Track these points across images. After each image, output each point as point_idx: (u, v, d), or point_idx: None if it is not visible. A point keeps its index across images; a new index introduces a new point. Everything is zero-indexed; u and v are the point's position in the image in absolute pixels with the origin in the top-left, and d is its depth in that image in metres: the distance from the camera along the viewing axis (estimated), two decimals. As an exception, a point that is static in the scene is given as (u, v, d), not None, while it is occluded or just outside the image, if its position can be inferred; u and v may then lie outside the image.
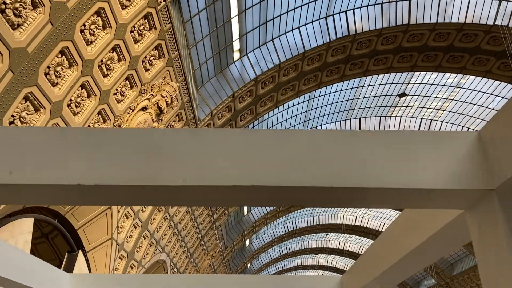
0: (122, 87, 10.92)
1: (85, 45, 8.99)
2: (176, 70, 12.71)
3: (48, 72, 8.33)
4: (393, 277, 1.98)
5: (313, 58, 18.41)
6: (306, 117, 25.39)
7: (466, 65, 20.52)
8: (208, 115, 16.42)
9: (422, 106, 26.24)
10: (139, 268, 16.24)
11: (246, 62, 16.85)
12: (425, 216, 1.42)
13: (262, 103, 19.06)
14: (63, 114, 9.12)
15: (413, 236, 1.49)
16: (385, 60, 20.31)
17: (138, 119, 12.03)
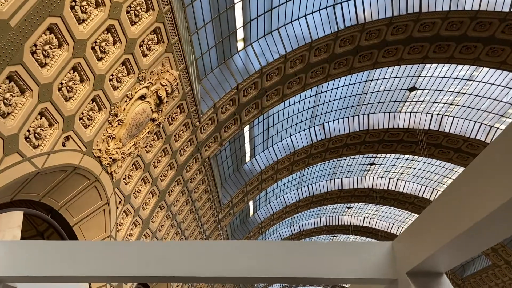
0: (118, 73, 10.23)
1: (76, 23, 8.31)
2: (177, 57, 12.01)
3: (35, 50, 7.65)
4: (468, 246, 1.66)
5: (321, 49, 17.67)
6: (313, 113, 24.65)
7: (480, 56, 19.70)
8: (211, 108, 15.72)
9: (433, 100, 25.40)
10: (140, 269, 15.51)
11: (250, 52, 16.15)
12: None
13: (268, 96, 18.33)
14: (54, 99, 8.44)
15: None
16: (395, 51, 19.54)
17: (136, 109, 11.35)
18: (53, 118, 8.64)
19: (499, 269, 32.45)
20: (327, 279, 1.75)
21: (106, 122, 10.50)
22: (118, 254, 1.71)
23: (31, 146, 8.28)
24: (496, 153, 1.32)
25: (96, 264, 1.66)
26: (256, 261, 1.71)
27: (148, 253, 1.72)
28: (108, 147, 10.88)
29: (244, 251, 1.74)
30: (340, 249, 1.82)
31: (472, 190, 1.38)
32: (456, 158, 27.13)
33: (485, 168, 1.34)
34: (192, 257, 1.72)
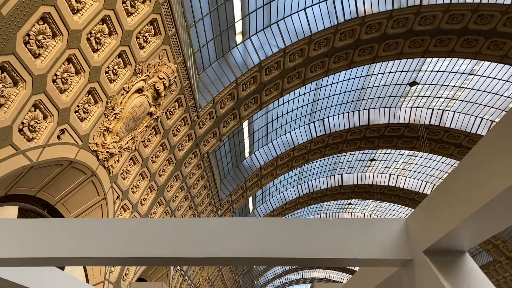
0: (115, 65, 10.04)
1: (71, 13, 8.11)
2: (174, 50, 11.82)
3: (28, 40, 7.46)
4: None
5: (320, 43, 17.47)
6: (312, 108, 24.46)
7: (481, 49, 19.51)
8: (209, 103, 15.54)
9: (433, 95, 25.21)
10: (138, 268, 15.37)
11: (249, 46, 15.95)
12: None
13: (267, 91, 18.14)
14: (48, 91, 8.25)
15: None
16: (396, 45, 19.34)
17: (133, 102, 11.16)
18: (48, 111, 8.45)
19: (500, 265, 32.37)
20: (334, 260, 1.56)
21: (103, 116, 10.32)
22: (98, 233, 1.53)
23: (25, 139, 8.10)
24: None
25: (71, 244, 1.48)
26: (255, 241, 1.53)
27: (132, 232, 1.53)
28: (105, 141, 10.70)
29: (241, 229, 1.56)
30: (348, 226, 1.63)
31: (496, 156, 1.21)
32: (457, 154, 26.96)
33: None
34: (182, 236, 1.54)
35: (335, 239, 1.59)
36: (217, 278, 29.98)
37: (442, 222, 1.34)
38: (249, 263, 1.59)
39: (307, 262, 1.59)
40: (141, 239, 1.54)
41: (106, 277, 12.52)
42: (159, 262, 1.59)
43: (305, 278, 62.91)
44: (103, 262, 1.59)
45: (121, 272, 13.56)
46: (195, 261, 1.54)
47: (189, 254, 1.51)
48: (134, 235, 1.54)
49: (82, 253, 1.48)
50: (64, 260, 1.50)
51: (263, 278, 52.20)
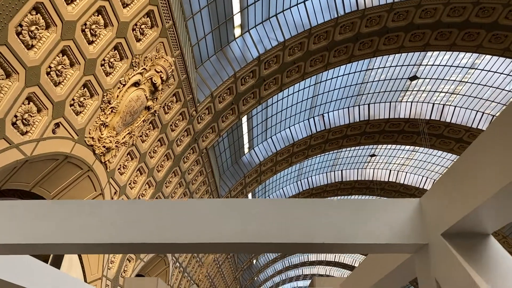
0: (111, 58, 9.85)
1: (64, 3, 7.91)
2: (172, 42, 11.63)
3: (20, 31, 7.27)
4: None
5: (320, 36, 17.26)
6: (312, 103, 24.26)
7: (482, 42, 19.29)
8: (208, 97, 15.35)
9: (434, 90, 25.01)
10: (137, 262, 15.23)
11: (248, 40, 15.74)
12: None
13: (266, 85, 17.95)
14: (42, 83, 8.07)
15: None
16: (396, 38, 19.13)
17: (130, 96, 10.98)
18: (42, 104, 8.27)
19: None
20: (339, 246, 1.39)
21: (99, 109, 10.14)
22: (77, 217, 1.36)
23: (18, 133, 7.92)
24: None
25: (41, 229, 1.31)
26: (252, 224, 1.37)
27: (115, 215, 1.36)
28: (101, 136, 10.53)
29: (237, 211, 1.39)
30: (355, 208, 1.45)
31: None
32: (458, 149, 26.80)
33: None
34: (171, 220, 1.36)
35: (341, 222, 1.42)
36: (217, 275, 29.88)
37: (463, 201, 1.16)
38: (246, 249, 1.42)
39: (309, 248, 1.41)
40: (124, 223, 1.36)
41: (103, 274, 12.37)
42: (145, 249, 1.41)
43: (305, 275, 62.91)
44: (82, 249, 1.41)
45: (119, 269, 13.41)
46: (186, 247, 1.37)
47: (179, 240, 1.34)
48: (117, 219, 1.37)
49: (55, 239, 1.30)
50: (35, 247, 1.32)
51: (263, 275, 52.17)
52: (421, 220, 1.41)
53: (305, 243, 1.37)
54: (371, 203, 1.47)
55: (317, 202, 1.47)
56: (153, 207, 1.45)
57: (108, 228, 1.36)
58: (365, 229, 1.41)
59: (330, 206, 1.46)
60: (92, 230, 1.36)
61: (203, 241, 1.33)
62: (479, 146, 1.16)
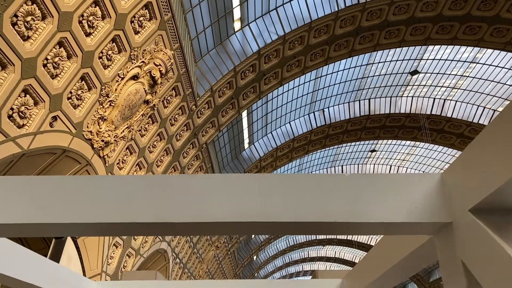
0: (109, 50, 9.71)
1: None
2: (171, 35, 11.48)
3: (16, 22, 7.14)
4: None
5: (320, 30, 17.10)
6: (312, 98, 24.11)
7: (484, 36, 19.14)
8: (208, 91, 15.21)
9: (435, 84, 24.86)
10: (137, 258, 15.12)
11: (248, 33, 15.58)
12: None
13: (266, 80, 17.80)
14: (38, 75, 7.94)
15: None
16: (397, 32, 18.97)
17: (128, 89, 10.84)
18: (39, 96, 8.14)
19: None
20: (352, 226, 1.24)
21: (97, 103, 10.01)
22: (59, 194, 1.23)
23: (15, 126, 7.80)
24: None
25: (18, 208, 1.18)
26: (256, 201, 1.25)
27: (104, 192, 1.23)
28: (99, 129, 10.40)
29: (239, 187, 1.27)
30: (370, 184, 1.32)
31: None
32: (458, 144, 26.68)
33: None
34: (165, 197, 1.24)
35: (354, 198, 1.29)
36: (217, 271, 29.83)
37: (496, 170, 1.02)
38: (248, 229, 1.29)
39: (319, 228, 1.27)
40: (114, 201, 1.23)
41: (103, 269, 12.28)
42: (137, 230, 1.28)
43: (305, 271, 62.80)
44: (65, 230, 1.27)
45: (119, 264, 13.32)
46: (183, 227, 1.23)
47: (176, 219, 1.21)
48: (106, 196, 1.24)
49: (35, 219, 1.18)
50: (12, 228, 1.19)
51: (264, 271, 52.19)
52: (444, 196, 1.27)
53: (314, 221, 1.24)
54: (387, 178, 1.34)
55: (326, 178, 1.33)
56: (147, 183, 1.31)
57: (96, 206, 1.22)
58: (381, 206, 1.27)
59: (342, 181, 1.32)
60: (77, 209, 1.22)
61: (201, 220, 1.20)
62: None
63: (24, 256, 2.19)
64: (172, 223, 1.21)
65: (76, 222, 1.19)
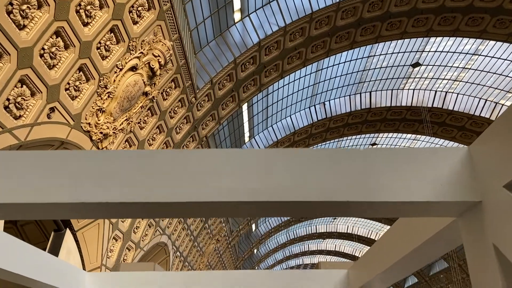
0: (107, 41, 9.55)
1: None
2: (170, 26, 11.32)
3: (11, 10, 6.99)
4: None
5: (321, 21, 16.91)
6: (313, 91, 23.94)
7: (487, 28, 18.94)
8: (207, 84, 15.05)
9: (436, 77, 24.67)
10: (137, 251, 15.06)
11: (248, 24, 15.40)
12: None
13: (267, 72, 17.64)
14: (35, 65, 7.79)
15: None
16: (399, 24, 18.77)
17: (127, 80, 10.69)
18: (36, 87, 8.00)
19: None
20: (367, 205, 1.12)
21: (95, 94, 9.86)
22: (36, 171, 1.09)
23: (11, 117, 7.66)
24: None
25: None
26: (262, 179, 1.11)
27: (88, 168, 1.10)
28: (98, 121, 10.26)
29: (243, 163, 1.14)
30: (388, 159, 1.17)
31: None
32: (460, 137, 26.54)
33: None
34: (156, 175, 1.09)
35: (369, 175, 1.15)
36: (218, 264, 29.82)
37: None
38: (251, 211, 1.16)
39: (329, 208, 1.12)
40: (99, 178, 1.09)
41: (103, 263, 12.20)
42: (125, 211, 1.14)
43: (305, 264, 62.66)
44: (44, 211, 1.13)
45: (119, 258, 13.24)
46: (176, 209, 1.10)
47: (167, 198, 1.07)
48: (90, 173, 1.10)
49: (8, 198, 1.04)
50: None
51: (264, 264, 52.26)
52: (472, 172, 1.12)
53: (323, 201, 1.10)
54: (405, 152, 1.19)
55: (338, 152, 1.19)
56: (136, 158, 1.16)
57: (79, 184, 1.08)
58: (400, 184, 1.13)
59: (356, 156, 1.18)
60: (57, 187, 1.09)
61: (197, 200, 1.06)
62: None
63: (14, 246, 2.07)
64: (164, 203, 1.07)
65: (56, 202, 1.06)
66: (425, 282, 44.56)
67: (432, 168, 1.16)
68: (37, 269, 2.12)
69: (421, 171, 1.15)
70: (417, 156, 1.19)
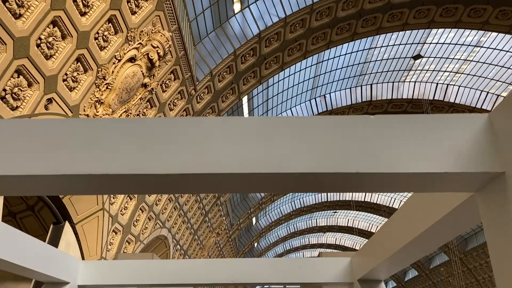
0: (105, 31, 9.42)
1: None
2: (168, 16, 11.18)
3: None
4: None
5: (322, 12, 16.74)
6: (314, 84, 23.80)
7: (489, 19, 18.75)
8: (207, 76, 14.92)
9: (438, 69, 24.50)
10: (137, 244, 15.01)
11: (248, 15, 15.24)
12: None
13: (267, 64, 17.49)
14: (32, 55, 7.67)
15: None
16: (400, 15, 18.58)
17: (126, 72, 10.57)
18: (33, 77, 7.88)
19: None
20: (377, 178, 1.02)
21: (93, 85, 9.75)
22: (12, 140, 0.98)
23: (8, 108, 7.56)
24: None
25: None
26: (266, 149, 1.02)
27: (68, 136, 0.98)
28: (96, 113, 10.16)
29: (236, 133, 1.04)
30: (399, 127, 1.07)
31: None
32: (461, 129, 26.40)
33: None
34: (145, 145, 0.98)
35: (380, 144, 1.04)
36: (218, 258, 29.85)
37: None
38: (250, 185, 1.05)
39: (337, 181, 1.03)
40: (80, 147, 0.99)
41: (102, 255, 12.15)
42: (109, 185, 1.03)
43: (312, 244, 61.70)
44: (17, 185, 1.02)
45: (118, 250, 13.20)
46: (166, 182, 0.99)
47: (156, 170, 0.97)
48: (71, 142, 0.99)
49: None
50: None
51: (265, 242, 52.06)
52: (493, 140, 1.02)
53: (329, 172, 1.00)
54: (421, 119, 1.08)
55: (346, 120, 1.08)
56: (124, 127, 1.05)
57: (58, 154, 0.98)
58: (414, 153, 1.03)
59: (365, 124, 1.07)
60: (33, 157, 0.98)
61: (190, 172, 0.95)
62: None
63: (5, 233, 1.99)
64: (152, 175, 0.96)
65: (32, 174, 0.95)
66: (425, 275, 44.40)
67: (449, 136, 1.05)
68: (29, 257, 2.03)
69: (437, 140, 1.05)
70: (433, 124, 1.08)
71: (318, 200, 42.77)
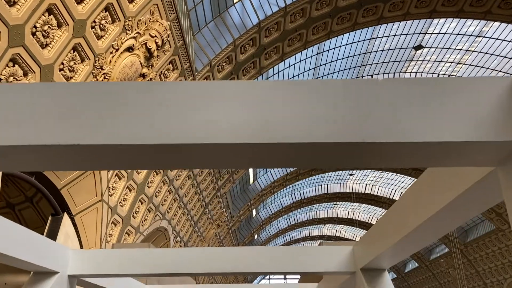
0: (102, 19, 9.26)
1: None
2: (167, 5, 11.02)
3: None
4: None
5: (323, 2, 16.52)
6: (314, 75, 23.61)
7: (492, 8, 18.52)
8: (206, 66, 14.76)
9: (439, 60, 24.30)
10: (137, 235, 14.96)
11: (247, 5, 15.03)
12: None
13: (267, 54, 17.32)
14: (27, 44, 7.53)
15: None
16: (402, 5, 18.36)
17: (123, 61, 10.42)
18: (28, 66, 7.75)
19: (503, 233, 32.23)
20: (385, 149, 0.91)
21: (91, 75, 9.61)
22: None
23: (3, 97, 7.43)
24: None
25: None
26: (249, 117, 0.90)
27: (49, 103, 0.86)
28: (94, 103, 10.03)
29: (223, 97, 0.92)
30: (409, 91, 0.94)
31: None
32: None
33: None
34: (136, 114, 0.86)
35: (389, 111, 0.93)
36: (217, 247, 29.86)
37: None
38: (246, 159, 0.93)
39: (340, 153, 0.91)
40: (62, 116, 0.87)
41: (101, 247, 12.10)
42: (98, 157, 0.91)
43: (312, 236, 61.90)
44: None
45: (118, 242, 13.14)
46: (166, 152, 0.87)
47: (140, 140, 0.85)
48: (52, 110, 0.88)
49: None
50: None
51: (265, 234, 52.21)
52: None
53: (333, 142, 0.89)
54: (435, 83, 0.95)
55: (351, 84, 0.96)
56: (108, 91, 0.94)
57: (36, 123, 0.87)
58: (429, 121, 0.91)
59: (373, 88, 0.95)
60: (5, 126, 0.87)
61: (179, 142, 0.84)
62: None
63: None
64: (142, 146, 0.85)
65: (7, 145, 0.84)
66: (426, 266, 44.53)
67: (467, 102, 0.93)
68: (13, 245, 1.93)
69: (454, 106, 0.93)
70: (449, 88, 0.95)
71: (319, 192, 42.76)
